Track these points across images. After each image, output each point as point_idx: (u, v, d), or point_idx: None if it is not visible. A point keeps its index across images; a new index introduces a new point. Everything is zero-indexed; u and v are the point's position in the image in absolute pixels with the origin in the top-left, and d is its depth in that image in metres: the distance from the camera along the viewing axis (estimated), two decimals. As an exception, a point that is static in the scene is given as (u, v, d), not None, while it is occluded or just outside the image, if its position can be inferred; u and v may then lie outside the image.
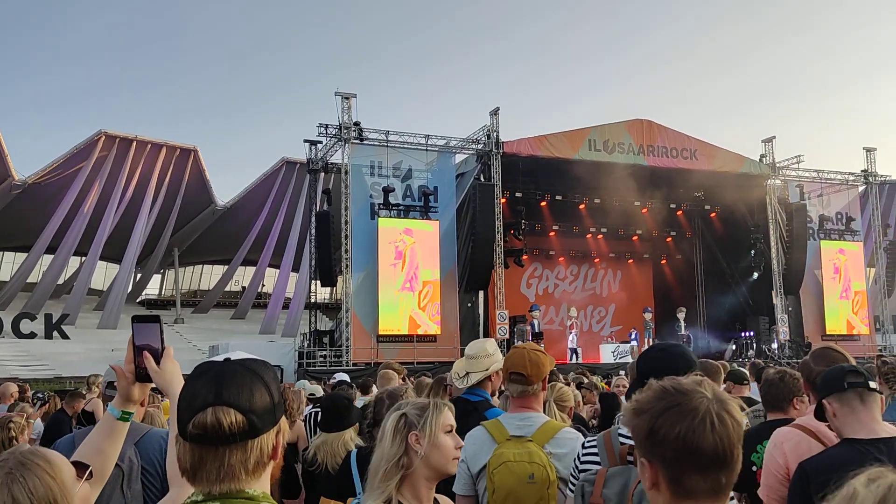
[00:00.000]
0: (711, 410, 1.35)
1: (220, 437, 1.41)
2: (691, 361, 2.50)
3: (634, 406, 1.42)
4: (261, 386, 1.47)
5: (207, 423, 1.41)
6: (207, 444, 1.42)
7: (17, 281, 37.45)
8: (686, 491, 1.35)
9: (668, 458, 1.35)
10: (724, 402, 1.38)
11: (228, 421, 1.41)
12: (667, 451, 1.35)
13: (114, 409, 2.02)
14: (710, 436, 1.33)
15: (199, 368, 1.52)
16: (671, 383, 1.42)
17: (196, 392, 1.45)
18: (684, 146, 25.66)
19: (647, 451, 1.38)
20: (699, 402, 1.36)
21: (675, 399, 1.38)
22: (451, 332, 22.42)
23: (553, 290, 29.28)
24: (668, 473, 1.36)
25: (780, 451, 2.69)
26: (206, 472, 1.43)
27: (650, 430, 1.37)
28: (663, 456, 1.35)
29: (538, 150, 23.94)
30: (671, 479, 1.35)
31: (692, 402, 1.36)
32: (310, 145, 24.34)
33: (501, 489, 2.82)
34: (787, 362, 20.91)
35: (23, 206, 35.13)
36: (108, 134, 34.33)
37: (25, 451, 1.57)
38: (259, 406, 1.45)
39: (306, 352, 22.86)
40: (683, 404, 1.36)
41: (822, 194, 28.32)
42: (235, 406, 1.42)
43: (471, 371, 3.97)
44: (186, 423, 1.43)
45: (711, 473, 1.34)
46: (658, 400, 1.39)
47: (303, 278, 34.87)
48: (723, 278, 28.95)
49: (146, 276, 43.91)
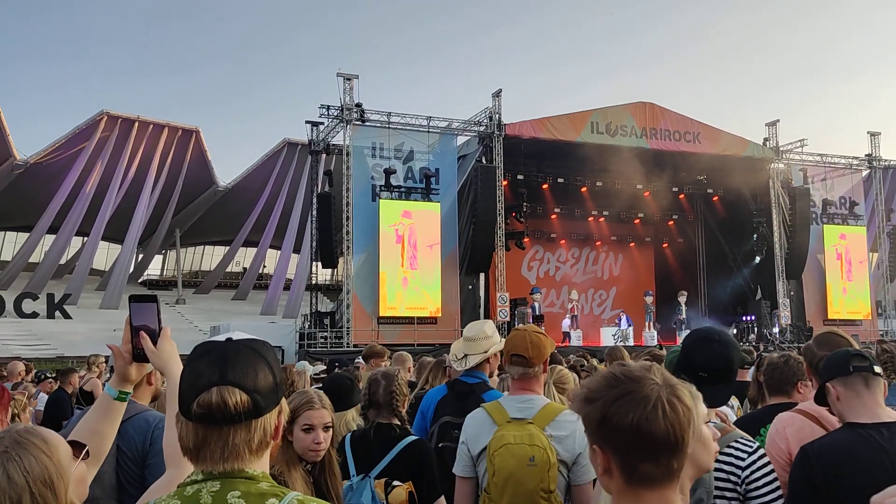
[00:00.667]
0: (662, 397, 1.35)
1: (225, 416, 1.41)
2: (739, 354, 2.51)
3: (585, 394, 1.41)
4: (264, 366, 1.48)
5: (212, 403, 1.41)
6: (212, 423, 1.42)
7: (20, 261, 37.52)
8: (639, 477, 1.35)
9: (620, 446, 1.35)
10: (673, 387, 1.38)
11: (234, 401, 1.41)
12: (620, 439, 1.35)
13: (111, 389, 2.01)
14: (662, 422, 1.33)
15: (201, 348, 1.51)
16: (621, 370, 1.41)
17: (200, 371, 1.45)
18: (687, 129, 25.54)
19: (599, 439, 1.38)
20: (650, 389, 1.36)
21: (626, 387, 1.37)
22: (451, 314, 22.44)
23: (554, 272, 29.27)
24: (620, 460, 1.36)
25: (782, 436, 2.67)
26: (210, 451, 1.43)
27: (602, 417, 1.36)
28: (616, 443, 1.36)
29: (540, 132, 23.83)
30: (624, 466, 1.36)
31: (644, 390, 1.36)
32: (311, 126, 24.26)
33: (502, 471, 2.81)
34: (789, 346, 20.94)
35: (25, 186, 35.11)
36: (110, 114, 34.23)
37: (21, 429, 1.56)
38: (263, 386, 1.46)
39: (307, 333, 22.91)
40: (635, 392, 1.36)
41: (825, 178, 28.21)
42: (240, 386, 1.43)
43: (469, 353, 3.96)
44: (190, 403, 1.43)
45: (663, 459, 1.34)
46: (609, 388, 1.38)
47: (304, 260, 34.89)
48: (725, 262, 28.92)
49: (148, 257, 43.98)
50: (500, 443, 2.86)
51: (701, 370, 2.45)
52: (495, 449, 2.85)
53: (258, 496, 1.42)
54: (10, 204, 36.34)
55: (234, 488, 1.42)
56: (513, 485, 2.79)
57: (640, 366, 1.43)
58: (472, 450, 3.02)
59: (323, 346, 21.87)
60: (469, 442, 3.04)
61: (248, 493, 1.41)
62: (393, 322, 21.90)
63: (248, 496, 1.41)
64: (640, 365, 1.43)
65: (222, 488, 1.42)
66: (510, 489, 2.80)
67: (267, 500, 1.41)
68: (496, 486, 2.83)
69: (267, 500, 1.41)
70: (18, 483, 1.45)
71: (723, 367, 2.44)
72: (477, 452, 3.00)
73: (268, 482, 1.46)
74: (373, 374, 3.62)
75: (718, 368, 2.44)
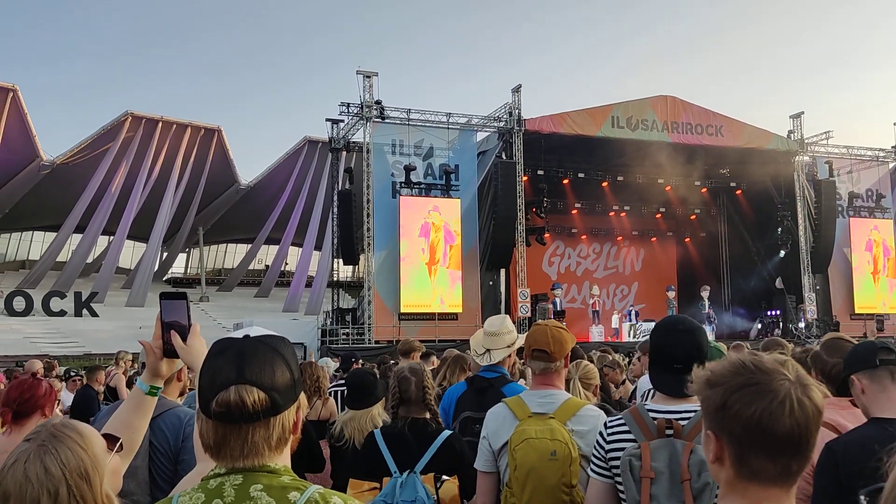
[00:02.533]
0: (792, 394, 1.30)
1: (244, 415, 1.42)
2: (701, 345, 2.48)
3: (708, 377, 1.38)
4: (281, 363, 1.48)
5: (231, 402, 1.42)
6: (231, 421, 1.43)
7: (47, 260, 38.11)
8: (751, 472, 1.31)
9: (737, 436, 1.31)
10: (806, 386, 1.33)
11: (252, 399, 1.42)
12: (738, 429, 1.31)
13: (142, 384, 2.06)
14: (787, 420, 1.28)
15: (219, 345, 1.51)
16: (751, 359, 1.37)
17: (218, 369, 1.45)
18: (710, 122, 25.28)
19: (715, 425, 1.34)
20: (780, 383, 1.32)
21: (754, 377, 1.33)
22: (472, 311, 22.43)
23: (575, 268, 29.15)
24: (734, 451, 1.32)
25: None
26: (230, 448, 1.44)
27: (722, 404, 1.32)
28: (733, 433, 1.32)
29: (560, 127, 23.71)
30: (737, 457, 1.32)
31: (773, 383, 1.32)
32: (332, 124, 24.35)
33: (523, 466, 2.81)
34: (815, 341, 20.66)
35: (52, 187, 35.65)
36: (134, 115, 34.64)
37: (58, 423, 1.60)
38: (281, 383, 1.46)
39: (329, 329, 23.02)
40: (764, 384, 1.32)
41: (851, 171, 27.78)
42: (258, 384, 1.43)
43: (491, 348, 3.96)
44: (209, 401, 1.44)
45: (782, 458, 1.30)
46: (735, 375, 1.35)
47: (325, 257, 35.09)
48: (748, 256, 28.59)
49: (172, 255, 44.49)
50: (521, 437, 2.85)
51: (675, 362, 2.44)
52: (516, 444, 2.85)
53: (280, 489, 1.43)
54: (38, 204, 36.92)
55: (256, 482, 1.43)
56: (534, 479, 2.79)
57: (774, 359, 1.38)
58: (494, 445, 3.02)
59: (345, 342, 21.97)
60: (490, 437, 3.04)
61: (271, 487, 1.43)
62: (414, 318, 21.94)
63: (271, 489, 1.43)
64: (773, 358, 1.39)
65: (245, 482, 1.43)
66: (532, 484, 2.79)
67: (289, 494, 1.43)
68: (518, 480, 2.83)
69: (289, 493, 1.43)
70: (55, 475, 1.48)
71: (695, 355, 2.41)
72: (498, 447, 3.00)
73: (289, 476, 1.47)
74: (400, 372, 3.60)
75: (691, 357, 2.41)
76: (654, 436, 2.36)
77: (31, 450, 1.51)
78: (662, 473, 2.26)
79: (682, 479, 2.22)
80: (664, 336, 2.56)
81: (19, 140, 33.36)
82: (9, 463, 1.50)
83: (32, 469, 1.48)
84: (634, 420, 2.44)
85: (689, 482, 2.23)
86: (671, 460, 2.27)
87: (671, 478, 2.25)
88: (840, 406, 2.72)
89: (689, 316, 2.82)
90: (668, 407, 2.41)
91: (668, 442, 2.31)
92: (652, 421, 2.40)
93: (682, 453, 2.26)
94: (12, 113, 32.53)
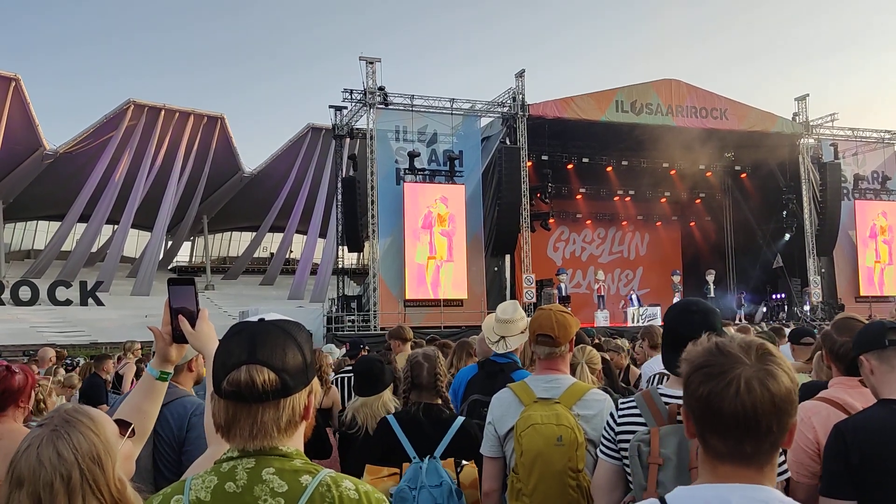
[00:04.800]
0: (742, 376, 1.34)
1: (254, 394, 1.45)
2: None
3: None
4: (293, 346, 1.51)
5: (241, 381, 1.45)
6: (241, 401, 1.45)
7: (52, 249, 38.21)
8: (710, 449, 1.39)
9: (696, 414, 1.40)
10: (766, 370, 1.36)
11: (261, 379, 1.44)
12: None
13: (152, 370, 2.08)
14: (732, 401, 1.33)
15: (234, 328, 1.55)
16: (719, 342, 1.43)
17: (231, 350, 1.49)
18: (714, 106, 25.14)
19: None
20: (732, 366, 1.36)
21: (712, 359, 1.39)
22: (477, 297, 22.45)
23: (580, 253, 29.13)
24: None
25: (808, 426, 2.60)
26: (240, 428, 1.46)
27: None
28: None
29: (564, 112, 23.61)
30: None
31: (725, 365, 1.36)
32: (335, 111, 24.29)
33: (529, 451, 2.81)
34: (820, 324, 20.65)
35: (55, 176, 35.70)
36: (136, 103, 34.60)
37: (70, 408, 1.62)
38: (291, 366, 1.48)
39: (334, 317, 23.09)
40: (716, 365, 1.37)
41: (856, 153, 27.64)
42: (268, 365, 1.46)
43: (506, 335, 3.95)
44: (221, 381, 1.47)
45: (731, 438, 1.34)
46: (700, 356, 1.42)
47: (330, 244, 35.10)
48: (754, 240, 28.52)
49: (176, 244, 44.55)
50: (527, 423, 2.85)
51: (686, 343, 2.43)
52: (522, 429, 2.85)
53: (292, 472, 1.45)
54: (42, 193, 36.98)
55: (268, 465, 1.45)
56: (541, 464, 2.79)
57: (743, 342, 1.42)
58: (499, 430, 3.02)
59: (350, 329, 22.02)
60: (496, 422, 3.04)
61: (283, 470, 1.45)
62: (419, 305, 21.97)
63: (283, 472, 1.45)
64: (743, 341, 1.43)
65: (257, 465, 1.45)
66: (538, 469, 2.80)
67: (300, 477, 1.45)
68: (524, 466, 2.83)
69: (300, 476, 1.45)
70: (68, 459, 1.50)
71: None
72: (504, 432, 3.00)
73: (301, 459, 1.49)
74: (413, 357, 3.61)
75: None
76: (665, 421, 2.35)
77: (44, 434, 1.53)
78: (670, 460, 2.25)
79: (689, 466, 2.21)
80: (677, 317, 2.57)
81: (22, 130, 33.36)
82: (22, 448, 1.52)
83: (45, 453, 1.50)
84: (646, 404, 2.43)
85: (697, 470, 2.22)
86: (680, 447, 2.25)
87: (679, 464, 2.24)
88: (849, 385, 2.70)
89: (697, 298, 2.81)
90: (681, 392, 2.39)
91: (678, 428, 2.30)
92: (664, 406, 2.39)
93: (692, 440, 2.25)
94: (15, 102, 32.52)
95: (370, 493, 1.48)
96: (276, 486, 1.43)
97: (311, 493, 1.43)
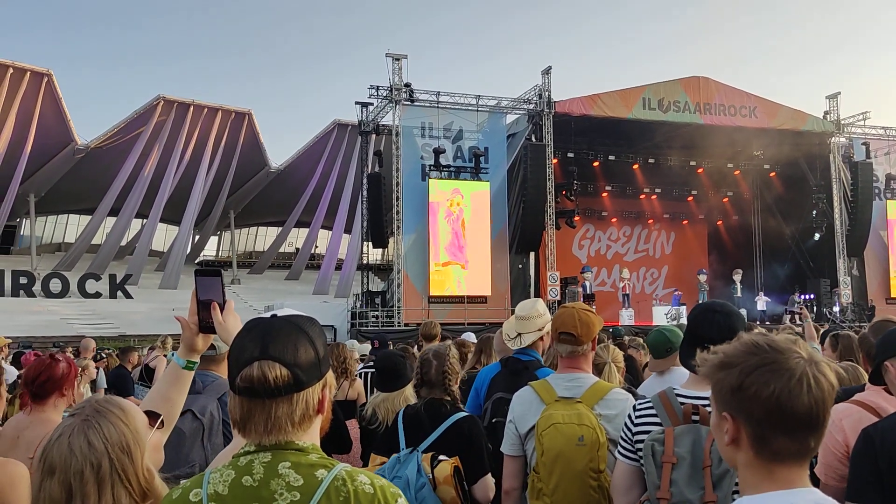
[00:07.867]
0: (808, 372, 1.31)
1: (266, 390, 1.46)
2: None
3: (721, 359, 1.38)
4: (305, 341, 1.52)
5: (254, 377, 1.46)
6: (255, 397, 1.47)
7: (83, 242, 38.78)
8: (772, 452, 1.32)
9: (756, 417, 1.31)
10: (818, 363, 1.34)
11: (273, 375, 1.46)
12: (756, 409, 1.31)
13: (179, 359, 2.11)
14: (805, 397, 1.29)
15: (248, 325, 1.57)
16: (765, 339, 1.38)
17: (243, 347, 1.51)
18: (743, 103, 24.83)
19: (731, 407, 1.35)
20: (795, 361, 1.33)
21: (769, 356, 1.34)
22: (501, 294, 22.43)
23: (605, 251, 28.95)
24: (754, 432, 1.33)
25: (838, 428, 2.57)
26: (255, 423, 1.48)
27: (739, 385, 1.33)
28: (751, 414, 1.32)
29: (591, 109, 23.47)
30: (756, 438, 1.33)
31: (789, 362, 1.32)
32: (361, 107, 24.37)
33: (551, 451, 2.80)
34: (850, 326, 20.32)
35: (86, 170, 36.21)
36: (166, 99, 34.97)
37: (101, 399, 1.67)
38: (303, 360, 1.49)
39: (359, 312, 23.19)
40: (779, 362, 1.32)
41: (889, 152, 27.13)
42: (280, 360, 1.47)
43: (522, 332, 3.95)
44: (235, 377, 1.49)
45: (800, 436, 1.31)
46: (749, 355, 1.35)
47: (355, 240, 35.20)
48: (782, 239, 28.13)
49: (204, 238, 45.00)
50: (548, 422, 2.84)
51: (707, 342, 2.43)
52: (543, 428, 2.84)
53: (308, 467, 1.47)
54: (73, 187, 37.54)
55: (284, 459, 1.47)
56: (562, 464, 2.78)
57: (786, 338, 1.39)
58: (520, 429, 3.01)
59: (374, 324, 22.11)
60: (517, 421, 3.03)
61: (299, 464, 1.47)
62: (443, 301, 21.99)
63: (298, 467, 1.47)
64: (785, 337, 1.40)
65: (273, 459, 1.47)
66: (559, 469, 2.79)
67: (316, 471, 1.47)
68: (545, 465, 2.82)
69: (316, 470, 1.47)
70: (98, 449, 1.54)
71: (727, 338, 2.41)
72: (525, 431, 2.99)
73: (317, 454, 1.51)
74: (424, 354, 3.65)
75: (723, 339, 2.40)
76: (681, 421, 2.36)
77: (75, 424, 1.57)
78: (684, 459, 2.26)
79: (703, 465, 2.22)
80: (700, 315, 2.58)
81: (54, 125, 33.87)
82: (54, 437, 1.57)
83: (76, 443, 1.54)
84: (662, 404, 2.43)
85: (710, 468, 2.22)
86: (694, 446, 2.27)
87: (693, 463, 2.25)
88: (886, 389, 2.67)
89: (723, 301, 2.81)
90: (698, 392, 2.39)
91: (693, 428, 2.30)
92: (679, 406, 2.39)
93: (706, 439, 2.26)
94: (47, 98, 33.02)
95: (385, 487, 1.48)
96: (291, 479, 1.45)
97: (327, 486, 1.44)
